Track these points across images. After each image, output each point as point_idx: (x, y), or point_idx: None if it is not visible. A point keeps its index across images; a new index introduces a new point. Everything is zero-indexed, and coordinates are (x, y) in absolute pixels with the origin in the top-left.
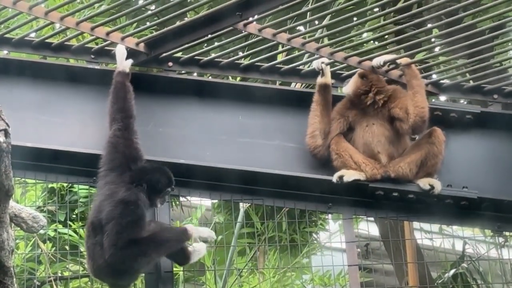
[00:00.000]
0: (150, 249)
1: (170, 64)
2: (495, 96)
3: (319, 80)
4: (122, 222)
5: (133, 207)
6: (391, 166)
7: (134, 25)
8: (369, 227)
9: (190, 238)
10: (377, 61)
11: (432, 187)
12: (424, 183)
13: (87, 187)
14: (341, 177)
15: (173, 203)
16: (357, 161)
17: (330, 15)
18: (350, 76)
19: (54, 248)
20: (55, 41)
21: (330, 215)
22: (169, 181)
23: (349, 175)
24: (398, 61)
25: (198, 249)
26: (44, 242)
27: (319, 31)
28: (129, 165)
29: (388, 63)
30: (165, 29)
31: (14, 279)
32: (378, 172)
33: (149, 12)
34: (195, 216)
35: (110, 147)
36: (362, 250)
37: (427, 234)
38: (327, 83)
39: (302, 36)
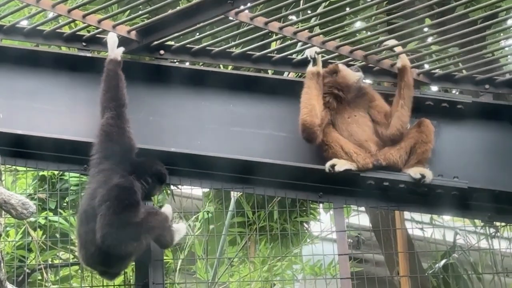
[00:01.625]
0: (142, 233)
1: (162, 52)
2: (487, 86)
3: (312, 68)
4: (118, 204)
5: (129, 192)
6: (382, 155)
7: (126, 13)
8: (360, 218)
9: (170, 223)
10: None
11: (423, 176)
12: (415, 172)
13: (78, 175)
14: (332, 166)
15: (164, 192)
16: (348, 151)
17: (322, 4)
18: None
19: (44, 236)
20: (47, 28)
21: (321, 205)
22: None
23: (341, 165)
24: (398, 64)
25: (177, 229)
26: (34, 230)
27: (311, 20)
28: (123, 154)
29: (385, 50)
30: (157, 17)
31: (2, 264)
32: (370, 161)
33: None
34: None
35: (104, 136)
36: (354, 241)
37: (418, 225)
38: (320, 71)
39: (294, 25)
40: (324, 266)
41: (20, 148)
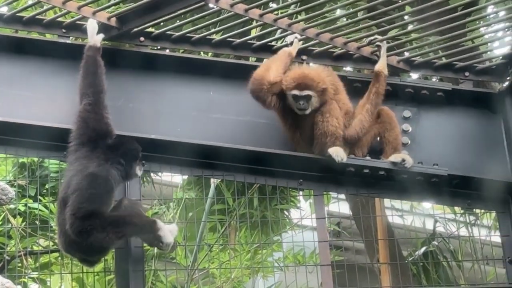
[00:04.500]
0: (110, 227)
1: (142, 39)
2: (467, 73)
3: (286, 48)
4: (85, 193)
5: (101, 181)
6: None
7: None
8: (340, 206)
9: (156, 232)
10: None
11: (403, 160)
12: (395, 157)
13: (57, 162)
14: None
15: (144, 179)
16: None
17: None
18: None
19: (24, 223)
20: (26, 15)
21: (301, 192)
22: (139, 146)
23: (342, 154)
24: (376, 67)
25: (169, 230)
26: (14, 216)
27: (292, 6)
28: (99, 140)
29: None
30: (137, 3)
31: None
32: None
33: None
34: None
35: (80, 122)
36: (335, 229)
37: (398, 212)
38: (292, 53)
39: (274, 12)
40: (305, 255)
41: None
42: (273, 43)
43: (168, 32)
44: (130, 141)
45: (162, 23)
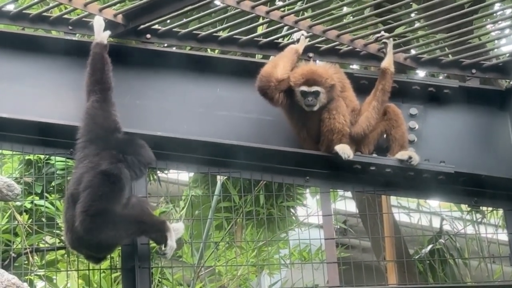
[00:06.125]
0: (120, 225)
1: (148, 36)
2: (473, 71)
3: (293, 45)
4: (98, 191)
5: (113, 179)
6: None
7: None
8: (346, 205)
9: (166, 231)
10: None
11: (410, 157)
12: (402, 154)
13: (64, 159)
14: (344, 153)
15: (150, 177)
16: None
17: None
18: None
19: (30, 220)
20: (33, 12)
21: (307, 189)
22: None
23: (349, 151)
24: (382, 64)
25: (176, 229)
26: (20, 214)
27: (298, 4)
28: (108, 138)
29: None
30: (144, 0)
31: None
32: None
33: None
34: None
35: (88, 119)
36: (341, 227)
37: (404, 210)
38: (299, 50)
39: (281, 9)
40: (311, 252)
41: (6, 132)
42: (279, 40)
43: (174, 29)
44: (144, 146)
45: (168, 20)
